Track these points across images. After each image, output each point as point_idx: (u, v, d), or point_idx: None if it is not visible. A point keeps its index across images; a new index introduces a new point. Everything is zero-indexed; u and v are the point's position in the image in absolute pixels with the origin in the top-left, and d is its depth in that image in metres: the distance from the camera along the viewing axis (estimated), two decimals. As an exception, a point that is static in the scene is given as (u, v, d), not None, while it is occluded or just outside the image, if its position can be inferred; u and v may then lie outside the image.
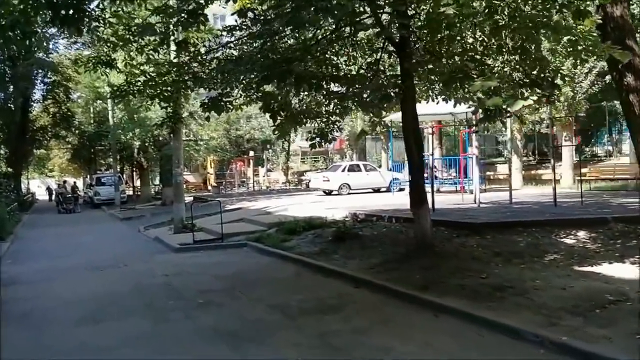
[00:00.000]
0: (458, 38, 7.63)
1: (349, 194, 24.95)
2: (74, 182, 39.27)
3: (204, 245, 12.99)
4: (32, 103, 36.82)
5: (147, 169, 34.01)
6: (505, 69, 7.75)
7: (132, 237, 16.40)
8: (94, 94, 33.36)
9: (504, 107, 6.65)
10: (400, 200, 17.31)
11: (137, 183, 42.65)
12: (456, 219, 11.07)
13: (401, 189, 24.57)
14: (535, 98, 6.39)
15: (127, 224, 20.91)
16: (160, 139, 26.21)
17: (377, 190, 26.17)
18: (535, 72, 7.36)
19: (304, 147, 52.52)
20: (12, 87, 32.88)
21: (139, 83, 9.46)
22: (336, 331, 5.89)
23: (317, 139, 9.73)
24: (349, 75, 7.15)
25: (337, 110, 9.70)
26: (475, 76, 7.18)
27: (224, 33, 8.78)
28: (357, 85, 7.42)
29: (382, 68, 9.35)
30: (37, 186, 59.38)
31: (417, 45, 8.70)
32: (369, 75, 7.29)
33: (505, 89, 7.29)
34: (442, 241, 9.46)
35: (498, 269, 7.86)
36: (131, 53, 8.92)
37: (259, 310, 6.99)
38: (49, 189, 49.24)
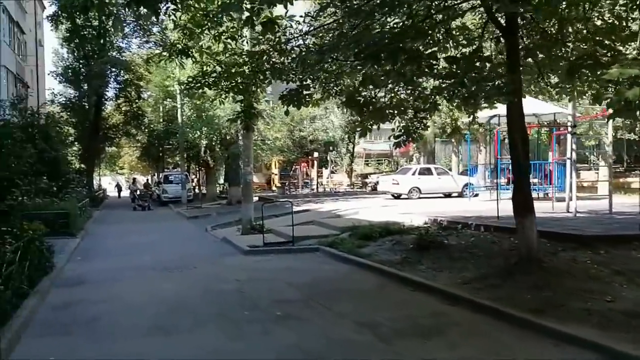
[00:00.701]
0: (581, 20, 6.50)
1: (419, 198, 23.78)
2: (147, 180, 40.13)
3: (274, 248, 12.34)
4: (105, 101, 37.94)
5: (213, 167, 34.12)
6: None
7: (199, 237, 16.05)
8: (164, 93, 33.88)
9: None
10: (479, 207, 16.10)
11: (199, 181, 43.27)
12: (558, 229, 9.80)
13: (475, 195, 23.25)
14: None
15: (194, 222, 20.73)
16: (228, 137, 26.06)
17: (447, 195, 24.89)
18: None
19: (368, 149, 51.53)
20: (86, 85, 33.96)
21: (214, 74, 8.89)
22: (444, 361, 4.96)
23: (402, 138, 8.90)
24: (460, 59, 6.18)
25: (426, 106, 8.80)
26: (606, 63, 6.05)
27: (306, 20, 8.04)
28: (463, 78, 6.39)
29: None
30: (108, 183, 61.64)
31: (525, 30, 7.63)
32: (476, 63, 6.27)
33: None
34: (546, 255, 8.27)
35: (624, 290, 6.67)
36: (207, 41, 8.34)
37: (346, 327, 6.15)
38: (118, 186, 50.79)
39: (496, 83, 6.63)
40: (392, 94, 8.80)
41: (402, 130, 9.01)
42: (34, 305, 7.03)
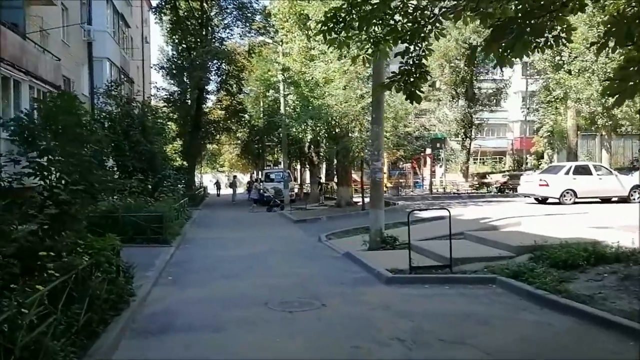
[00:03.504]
0: None
1: (574, 203, 19.17)
2: (251, 177, 38.25)
3: (426, 275, 8.79)
4: (206, 96, 36.47)
5: (318, 164, 31.23)
6: None
7: (314, 249, 12.88)
8: (265, 86, 31.73)
9: None
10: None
11: (301, 180, 40.76)
12: None
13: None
14: None
15: (302, 228, 17.71)
16: (337, 130, 22.88)
17: (606, 200, 20.01)
18: None
19: (484, 146, 46.47)
20: (188, 79, 32.46)
21: (366, 9, 5.53)
22: None
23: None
24: None
25: None
26: None
27: None
28: None
29: None
30: (209, 180, 61.31)
31: None
32: None
33: None
34: None
35: None
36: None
37: None
38: (217, 184, 49.73)
39: None
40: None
41: None
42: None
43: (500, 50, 5.04)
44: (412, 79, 6.07)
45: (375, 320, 6.41)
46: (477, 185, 33.64)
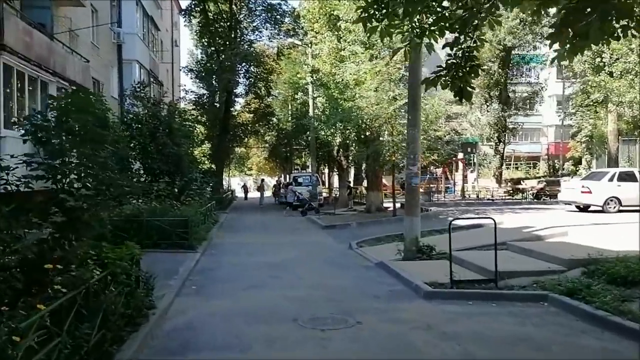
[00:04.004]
0: None
1: (619, 211, 18.07)
2: (277, 180, 37.81)
3: (469, 290, 8.06)
4: (235, 98, 36.25)
5: (346, 168, 30.60)
6: None
7: (344, 258, 12.25)
8: (293, 89, 31.32)
9: None
10: None
11: (330, 184, 40.17)
12: None
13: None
14: None
15: (331, 234, 17.09)
16: (367, 133, 22.21)
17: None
18: None
19: (517, 151, 45.12)
20: (216, 82, 32.27)
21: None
22: None
23: None
24: None
25: None
26: None
27: None
28: None
29: None
30: (237, 184, 61.18)
31: None
32: None
33: None
34: None
35: None
36: None
37: None
38: (244, 187, 49.49)
39: None
40: None
41: None
42: None
43: (569, 38, 4.36)
44: (461, 74, 5.42)
45: (416, 342, 5.77)
46: (512, 191, 32.46)
